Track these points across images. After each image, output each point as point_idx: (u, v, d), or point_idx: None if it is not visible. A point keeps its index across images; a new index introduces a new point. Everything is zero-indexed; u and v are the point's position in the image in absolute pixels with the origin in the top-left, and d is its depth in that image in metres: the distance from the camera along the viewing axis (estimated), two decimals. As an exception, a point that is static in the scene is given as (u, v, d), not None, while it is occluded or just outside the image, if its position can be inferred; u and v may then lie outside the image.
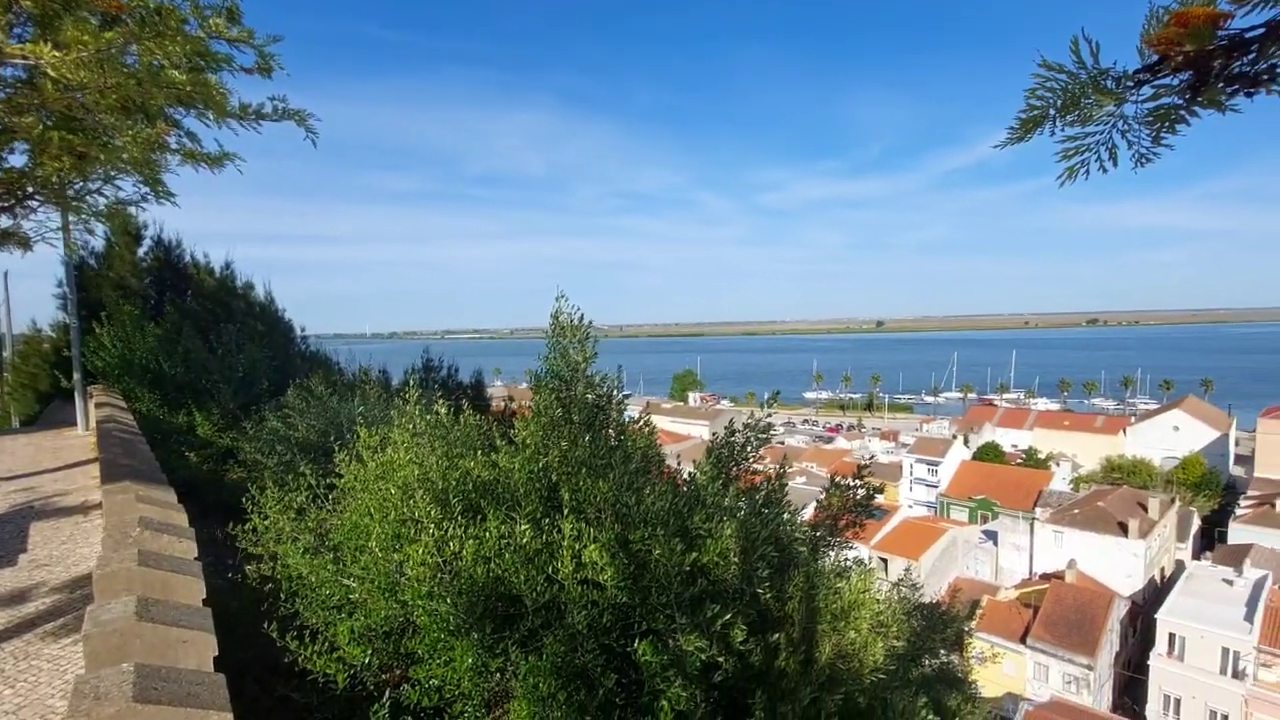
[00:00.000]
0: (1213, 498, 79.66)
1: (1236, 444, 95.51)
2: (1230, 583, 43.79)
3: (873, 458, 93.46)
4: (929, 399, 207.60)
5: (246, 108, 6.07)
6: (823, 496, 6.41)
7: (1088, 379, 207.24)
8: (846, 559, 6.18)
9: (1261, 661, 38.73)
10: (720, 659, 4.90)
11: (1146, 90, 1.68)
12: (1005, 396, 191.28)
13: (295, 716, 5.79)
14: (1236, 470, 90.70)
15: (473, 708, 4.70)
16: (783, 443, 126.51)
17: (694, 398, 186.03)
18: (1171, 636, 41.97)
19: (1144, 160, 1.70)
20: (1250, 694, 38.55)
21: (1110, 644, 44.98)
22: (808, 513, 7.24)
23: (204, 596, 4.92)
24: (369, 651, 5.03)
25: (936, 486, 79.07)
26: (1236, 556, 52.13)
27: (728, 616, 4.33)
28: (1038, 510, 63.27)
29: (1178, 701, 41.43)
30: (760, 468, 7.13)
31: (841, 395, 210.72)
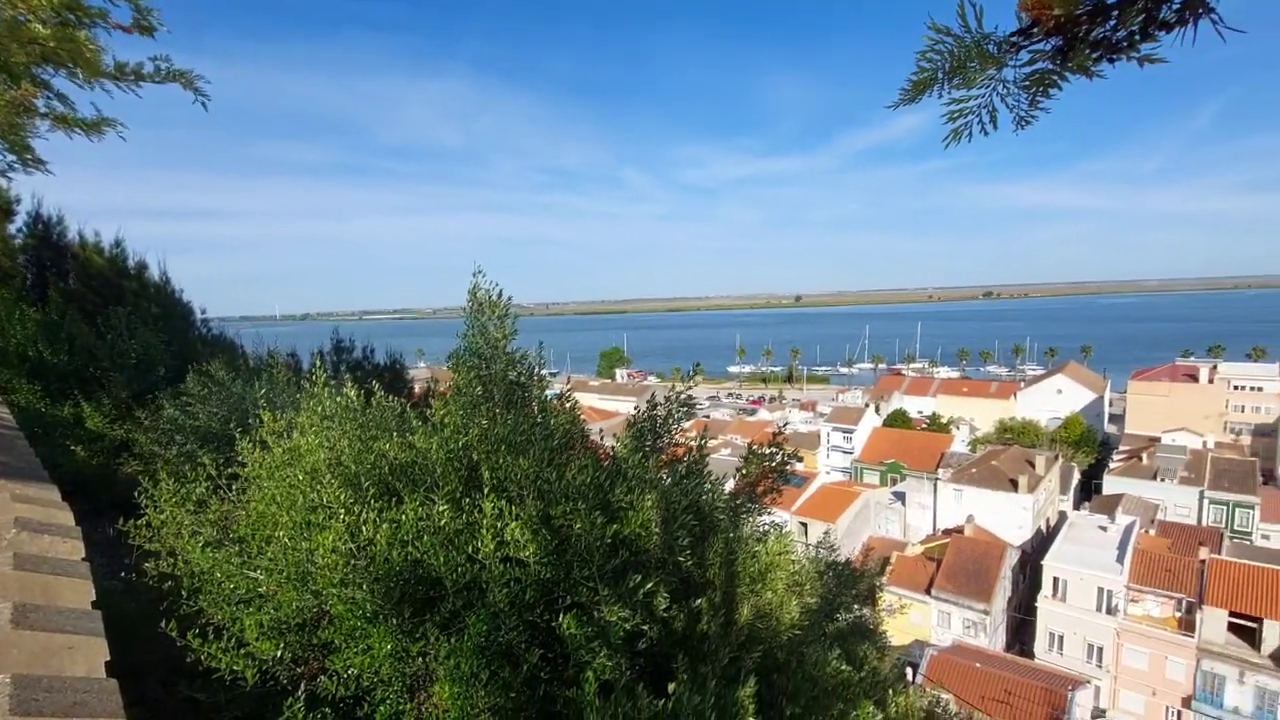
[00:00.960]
0: (1090, 453, 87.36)
1: (1110, 404, 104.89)
2: (1105, 529, 48.19)
3: (786, 424, 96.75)
4: (844, 370, 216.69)
5: (123, 67, 5.49)
6: (741, 465, 6.54)
7: (984, 348, 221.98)
8: (765, 524, 6.35)
9: (1130, 598, 43.04)
10: (645, 627, 4.94)
11: (1024, 55, 1.74)
12: (912, 366, 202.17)
13: (204, 718, 5.47)
14: (1111, 428, 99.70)
15: (394, 694, 4.56)
16: (708, 416, 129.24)
17: (621, 374, 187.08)
18: (1056, 580, 45.92)
19: (1023, 123, 1.77)
20: (1121, 627, 42.83)
21: (1004, 590, 48.81)
22: (731, 483, 7.38)
23: (93, 599, 4.52)
24: (280, 645, 4.78)
25: (851, 453, 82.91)
26: (1110, 505, 57.47)
27: (649, 586, 4.37)
28: (940, 471, 67.50)
29: (1061, 638, 45.52)
30: (683, 440, 7.20)
31: (763, 369, 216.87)
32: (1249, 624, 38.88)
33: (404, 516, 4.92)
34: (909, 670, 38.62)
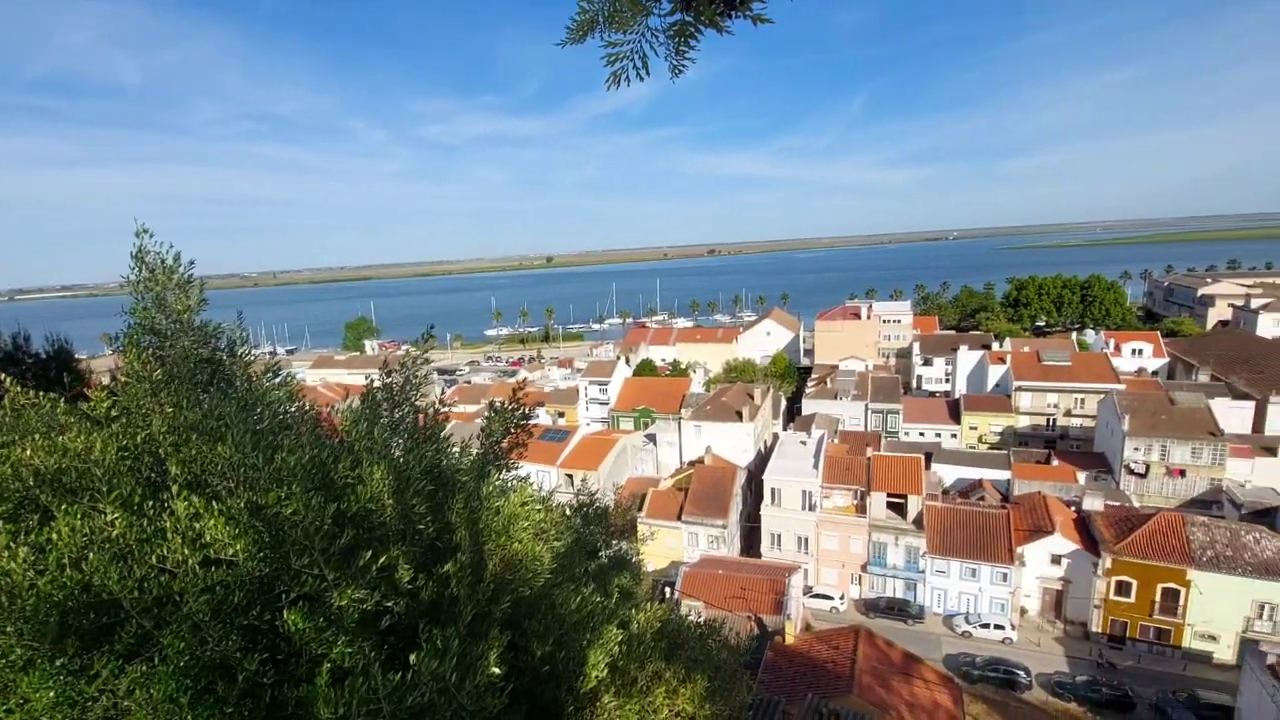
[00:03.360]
0: (792, 382, 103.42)
1: (804, 341, 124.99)
2: (804, 443, 57.68)
3: (525, 380, 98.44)
4: (596, 326, 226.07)
5: None
6: (485, 424, 6.37)
7: (711, 299, 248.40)
8: (511, 479, 6.31)
9: (824, 495, 52.50)
10: (389, 603, 4.61)
11: (665, 4, 1.80)
12: (654, 319, 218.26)
13: None
14: (805, 361, 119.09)
15: (70, 747, 3.65)
16: (469, 381, 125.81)
17: (371, 346, 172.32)
18: (773, 490, 54.05)
19: (678, 71, 1.85)
20: (819, 519, 52.19)
21: (737, 506, 56.19)
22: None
23: None
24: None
25: (607, 403, 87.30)
26: (807, 424, 68.92)
27: (383, 560, 4.04)
28: (683, 411, 74.56)
29: (779, 536, 53.99)
30: (425, 406, 6.78)
31: (521, 330, 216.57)
32: (899, 500, 50.07)
33: (57, 535, 3.89)
34: (668, 588, 42.82)
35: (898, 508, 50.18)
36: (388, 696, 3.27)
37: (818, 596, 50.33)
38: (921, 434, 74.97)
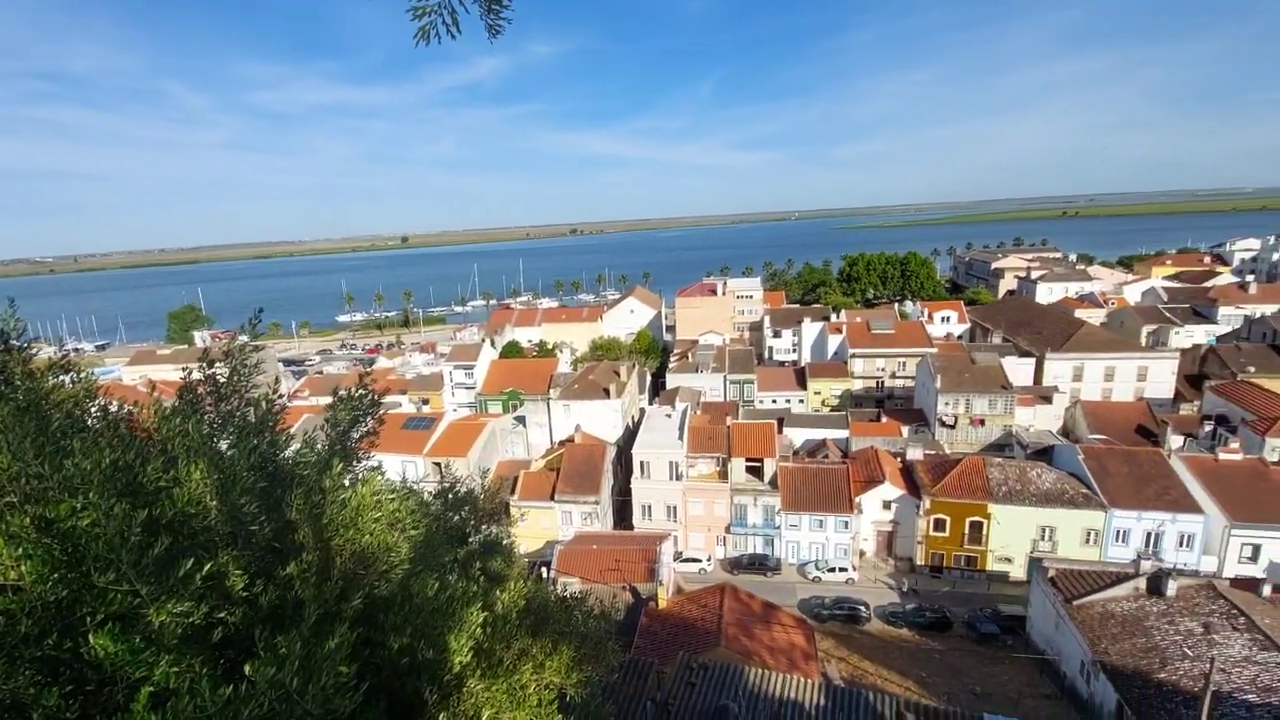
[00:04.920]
0: (656, 358, 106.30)
1: (666, 318, 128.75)
2: (669, 416, 59.69)
3: (375, 371, 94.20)
4: (458, 309, 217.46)
5: None
6: (329, 414, 5.90)
7: (574, 279, 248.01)
8: (361, 469, 5.92)
9: (689, 464, 54.79)
10: (222, 614, 4.17)
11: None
12: (518, 300, 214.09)
13: None
14: (667, 337, 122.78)
15: None
16: (321, 372, 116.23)
17: (202, 337, 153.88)
18: (642, 464, 55.50)
19: (495, 31, 1.79)
20: (685, 488, 54.45)
21: (608, 481, 57.08)
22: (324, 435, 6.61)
23: None
24: None
25: (474, 388, 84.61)
26: (671, 397, 71.32)
27: (209, 568, 3.64)
28: (551, 391, 74.09)
29: (649, 507, 55.66)
30: (260, 398, 6.14)
31: (377, 315, 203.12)
32: (756, 464, 53.46)
33: None
34: (544, 568, 42.73)
35: (756, 471, 53.58)
36: (219, 713, 2.96)
37: (688, 560, 52.65)
38: (774, 401, 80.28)
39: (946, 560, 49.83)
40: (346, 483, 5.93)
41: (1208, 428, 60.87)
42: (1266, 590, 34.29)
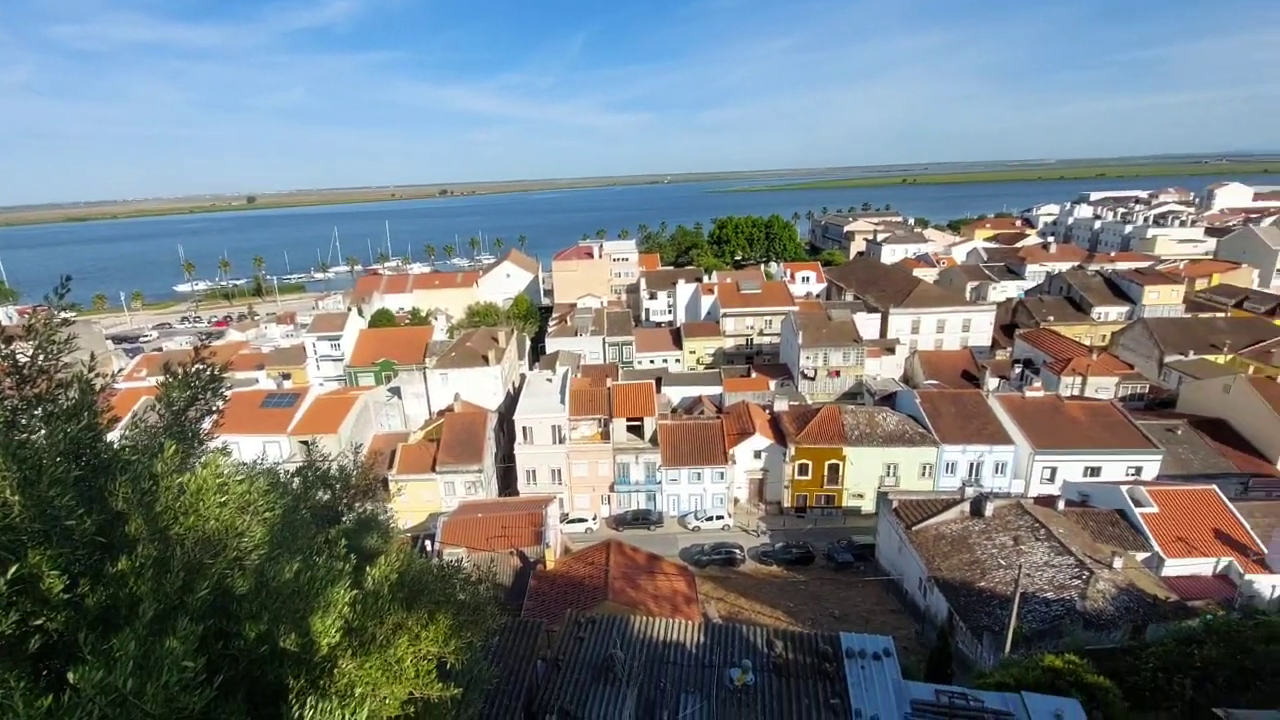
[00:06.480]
0: (535, 323, 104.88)
1: (543, 282, 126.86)
2: (550, 380, 59.35)
3: (211, 345, 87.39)
4: (319, 276, 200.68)
5: None
6: (162, 393, 5.25)
7: (447, 243, 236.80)
8: (203, 451, 5.36)
9: (571, 427, 55.02)
10: (39, 621, 3.66)
11: None
12: (387, 265, 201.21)
13: None
14: (546, 301, 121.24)
15: None
16: (160, 349, 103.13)
17: (7, 313, 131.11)
18: (525, 429, 54.97)
19: None
20: (569, 450, 54.73)
21: (490, 449, 56.03)
22: (156, 417, 5.91)
23: None
24: None
25: (342, 359, 79.16)
26: (551, 362, 70.87)
27: (15, 571, 3.16)
28: (427, 360, 70.99)
29: (534, 472, 55.45)
30: (71, 377, 5.32)
31: (223, 283, 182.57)
32: (637, 423, 54.74)
33: None
34: (428, 541, 41.44)
35: (636, 429, 54.89)
36: (35, 729, 2.61)
37: (574, 521, 53.33)
38: (652, 361, 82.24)
39: (810, 501, 54.24)
40: (192, 466, 5.37)
41: (1017, 370, 70.29)
42: (1061, 505, 40.59)
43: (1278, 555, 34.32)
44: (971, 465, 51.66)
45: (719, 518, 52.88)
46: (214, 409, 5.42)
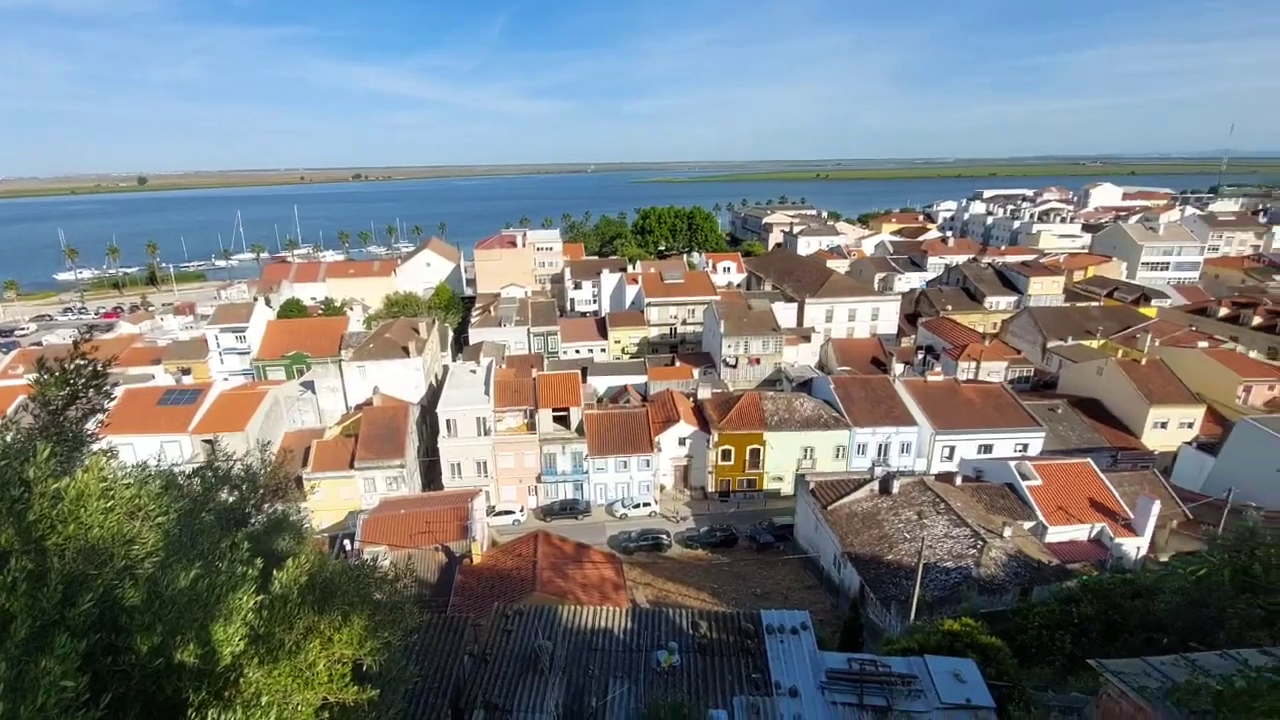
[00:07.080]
0: (457, 313, 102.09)
1: (466, 271, 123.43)
2: (475, 372, 58.03)
3: (95, 339, 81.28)
4: (220, 263, 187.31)
5: None
6: (36, 390, 4.77)
7: (362, 229, 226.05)
8: (86, 454, 4.92)
9: (497, 419, 54.05)
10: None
11: None
12: (296, 252, 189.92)
13: None
14: (468, 290, 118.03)
15: None
16: (40, 343, 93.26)
17: None
18: (449, 422, 53.52)
19: None
20: (494, 442, 53.76)
21: (413, 443, 54.20)
22: (28, 419, 5.40)
23: None
24: None
25: (248, 353, 74.25)
26: (475, 353, 69.22)
27: None
28: (343, 353, 67.70)
29: (459, 465, 54.14)
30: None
31: (112, 271, 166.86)
32: (563, 413, 54.44)
33: None
34: (347, 541, 39.67)
35: (563, 420, 54.57)
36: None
37: (501, 514, 52.53)
38: (578, 351, 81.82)
39: (733, 485, 55.77)
40: (72, 470, 4.93)
41: (920, 356, 74.78)
42: (959, 480, 43.62)
43: (1142, 520, 38.28)
44: (880, 446, 54.61)
45: (646, 505, 53.52)
46: (98, 408, 4.98)
